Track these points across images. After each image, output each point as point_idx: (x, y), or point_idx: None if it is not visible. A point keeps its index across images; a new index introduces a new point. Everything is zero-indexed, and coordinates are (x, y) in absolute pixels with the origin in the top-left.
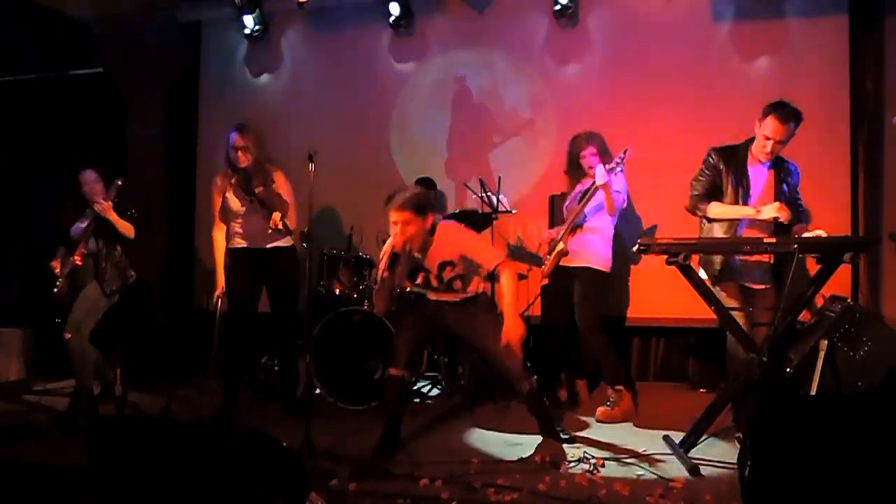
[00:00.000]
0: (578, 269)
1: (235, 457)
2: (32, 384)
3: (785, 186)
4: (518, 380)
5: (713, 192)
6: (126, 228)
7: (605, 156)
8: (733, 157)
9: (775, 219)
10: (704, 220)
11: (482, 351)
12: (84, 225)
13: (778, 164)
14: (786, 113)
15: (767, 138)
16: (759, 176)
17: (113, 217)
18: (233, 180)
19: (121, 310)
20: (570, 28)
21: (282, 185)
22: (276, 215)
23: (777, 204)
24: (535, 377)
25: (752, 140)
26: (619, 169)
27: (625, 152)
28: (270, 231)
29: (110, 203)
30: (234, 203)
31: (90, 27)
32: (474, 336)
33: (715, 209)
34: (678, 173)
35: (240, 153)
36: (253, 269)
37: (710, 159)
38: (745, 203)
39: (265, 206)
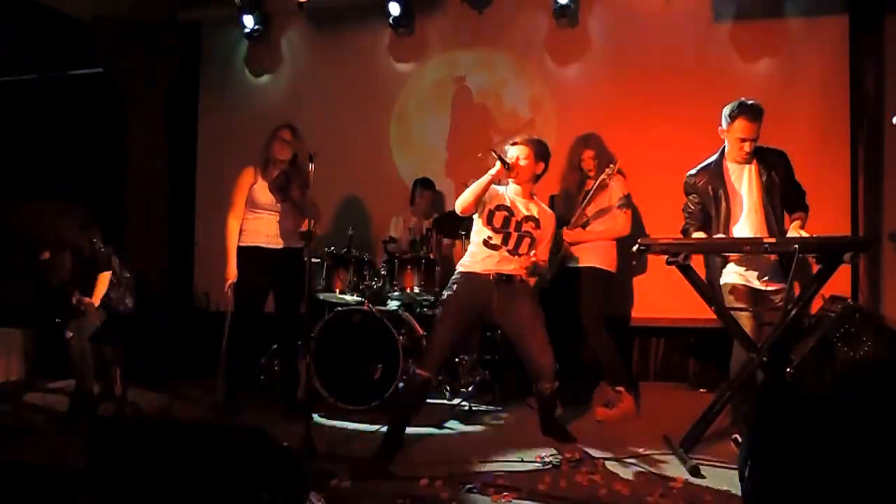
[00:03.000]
0: (583, 269)
1: (235, 457)
2: (32, 384)
3: (773, 174)
4: (545, 377)
5: (705, 218)
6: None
7: (603, 157)
8: (711, 176)
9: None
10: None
11: (518, 339)
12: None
13: (757, 155)
14: (754, 111)
15: (744, 139)
16: (742, 178)
17: (93, 312)
18: (271, 174)
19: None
20: (570, 28)
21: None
22: (308, 223)
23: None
24: (558, 383)
25: (722, 151)
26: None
27: (612, 169)
28: (290, 231)
29: (90, 304)
30: (263, 195)
31: (90, 27)
32: (515, 320)
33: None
34: (678, 173)
35: (285, 145)
36: (264, 268)
37: (689, 185)
38: (738, 214)
39: (297, 210)
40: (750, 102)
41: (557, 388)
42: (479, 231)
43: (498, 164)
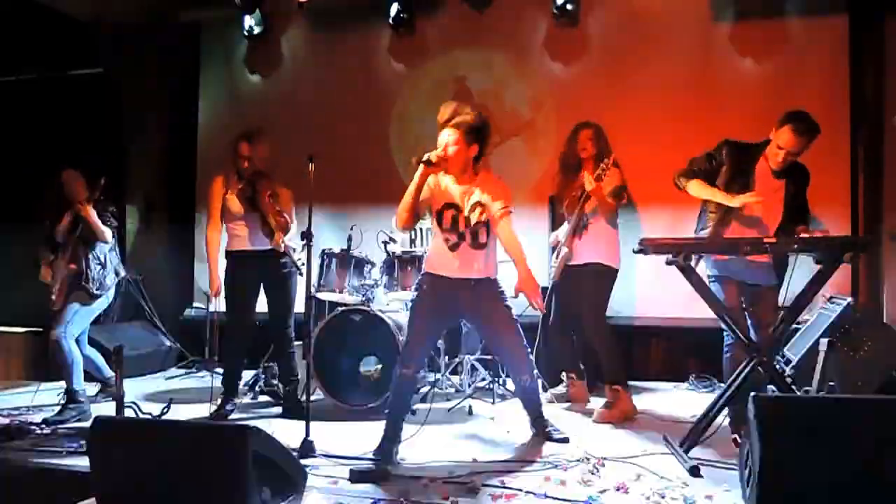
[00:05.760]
0: (586, 266)
1: (236, 457)
2: (32, 384)
3: (797, 193)
4: (521, 371)
5: (704, 177)
6: (101, 232)
7: (601, 141)
8: (744, 155)
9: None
10: (702, 221)
11: (490, 337)
12: (65, 224)
13: (791, 173)
14: (804, 126)
15: (780, 148)
16: (767, 181)
17: (91, 218)
18: (237, 184)
19: (119, 309)
20: (570, 28)
21: (286, 202)
22: (279, 236)
23: (751, 193)
24: (537, 374)
25: (767, 142)
26: (604, 175)
27: (609, 157)
28: (265, 237)
29: (88, 204)
30: (235, 205)
31: (90, 27)
32: (485, 320)
33: (694, 188)
34: None
35: (245, 162)
36: (251, 271)
37: (720, 151)
38: (750, 210)
39: (266, 223)
40: (805, 114)
41: (537, 378)
42: (436, 233)
43: (420, 168)
